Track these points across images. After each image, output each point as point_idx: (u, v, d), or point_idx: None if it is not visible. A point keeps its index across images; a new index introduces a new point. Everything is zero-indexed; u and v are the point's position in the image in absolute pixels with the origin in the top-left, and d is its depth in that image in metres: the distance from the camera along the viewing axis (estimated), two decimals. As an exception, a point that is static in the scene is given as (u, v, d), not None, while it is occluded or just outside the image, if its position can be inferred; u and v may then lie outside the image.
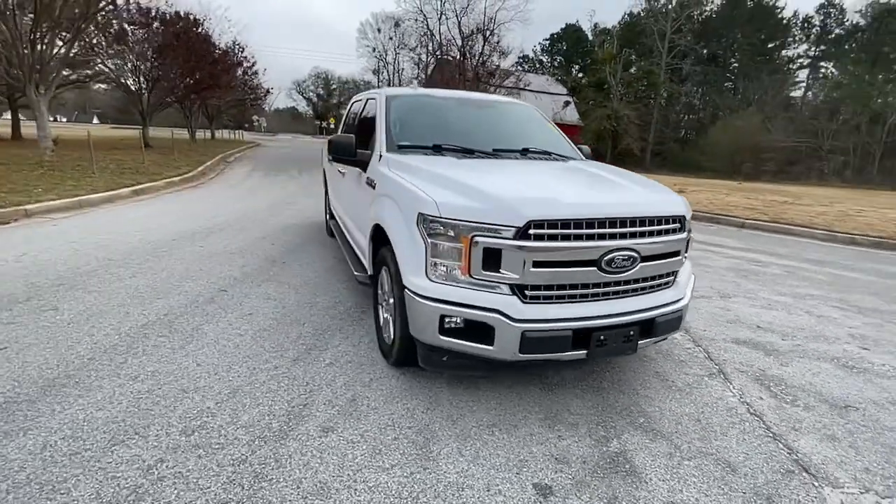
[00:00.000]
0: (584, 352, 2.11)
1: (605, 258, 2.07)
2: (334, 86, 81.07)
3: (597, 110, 31.91)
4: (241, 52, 28.99)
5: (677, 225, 2.31)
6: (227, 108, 34.52)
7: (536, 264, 2.00)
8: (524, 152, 3.24)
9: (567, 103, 35.46)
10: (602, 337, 2.10)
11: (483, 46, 24.92)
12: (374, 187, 2.83)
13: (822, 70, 38.66)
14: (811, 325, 3.68)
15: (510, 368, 2.67)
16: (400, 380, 2.53)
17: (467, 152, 3.05)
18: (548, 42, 55.98)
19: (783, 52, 41.99)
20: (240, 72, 28.17)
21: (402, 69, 49.40)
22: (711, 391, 2.60)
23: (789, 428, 2.28)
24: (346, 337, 3.04)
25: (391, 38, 46.90)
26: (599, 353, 2.15)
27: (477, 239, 2.00)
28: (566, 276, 2.06)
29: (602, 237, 2.07)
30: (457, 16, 28.22)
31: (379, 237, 2.80)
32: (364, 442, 2.01)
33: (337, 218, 4.60)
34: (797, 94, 40.49)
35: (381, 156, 2.94)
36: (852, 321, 3.85)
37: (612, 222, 2.08)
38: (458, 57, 28.46)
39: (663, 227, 2.24)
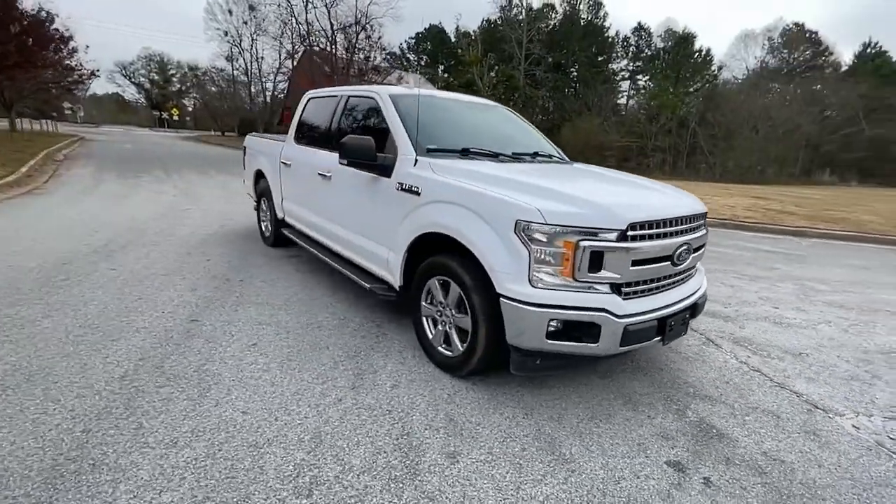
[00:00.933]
0: (660, 338, 2.36)
1: (676, 252, 2.34)
2: (173, 70, 70.45)
3: (468, 110, 33.73)
4: (51, 22, 23.28)
5: (705, 220, 2.71)
6: (32, 93, 27.41)
7: (634, 263, 2.17)
8: (534, 155, 3.39)
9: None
10: (672, 322, 2.38)
11: (361, 40, 24.31)
12: (417, 194, 2.67)
13: (640, 82, 47.15)
14: (734, 294, 4.60)
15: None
16: (476, 390, 2.48)
17: (493, 156, 3.08)
18: (413, 41, 57.00)
19: (610, 65, 49.81)
20: (54, 47, 22.62)
21: (262, 57, 45.36)
22: (715, 356, 3.11)
23: (782, 377, 2.88)
24: (386, 355, 2.83)
25: (246, 23, 42.45)
26: (670, 338, 2.42)
27: (582, 243, 2.08)
28: (651, 272, 2.27)
29: (675, 234, 2.34)
30: (326, 5, 26.98)
31: (424, 247, 2.68)
32: (499, 459, 1.95)
33: (307, 227, 4.15)
34: (622, 101, 48.59)
35: (416, 160, 2.78)
36: (753, 286, 4.92)
37: (679, 221, 2.37)
38: (330, 49, 27.31)
39: (701, 222, 2.61)
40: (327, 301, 3.67)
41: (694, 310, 2.59)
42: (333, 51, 27.20)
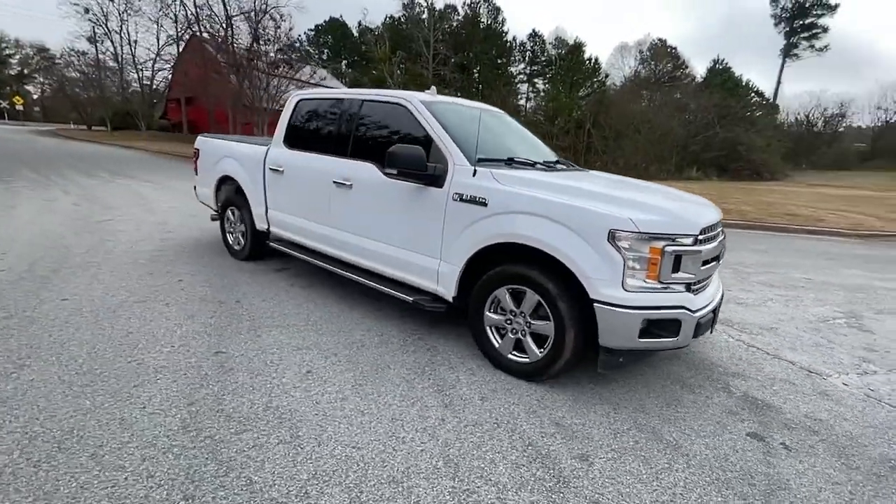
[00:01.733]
0: (710, 329, 2.68)
1: (718, 253, 2.68)
2: (10, 50, 58.47)
3: (380, 107, 33.26)
4: None
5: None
6: None
7: (703, 263, 2.45)
8: (556, 164, 3.57)
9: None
10: (713, 316, 2.72)
11: (269, 29, 22.59)
12: (483, 205, 2.66)
13: (538, 85, 50.64)
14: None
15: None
16: (557, 393, 2.58)
17: (531, 165, 3.19)
18: (313, 32, 54.40)
19: (510, 68, 52.70)
20: None
21: (136, 42, 39.74)
22: (714, 337, 3.59)
23: (773, 349, 3.43)
24: (451, 368, 2.79)
25: (113, 0, 36.67)
26: (713, 330, 2.76)
27: (667, 248, 2.29)
28: (707, 272, 2.58)
29: (719, 237, 2.68)
30: (217, -13, 24.58)
31: (483, 257, 2.70)
32: (625, 455, 2.08)
33: (311, 240, 3.84)
34: (522, 103, 51.80)
35: (475, 171, 2.78)
36: (701, 273, 5.68)
37: (719, 224, 2.72)
38: (227, 37, 24.97)
39: (722, 227, 3.01)
40: (351, 317, 3.47)
41: (720, 304, 2.98)
42: (231, 40, 24.93)
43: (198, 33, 29.48)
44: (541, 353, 2.59)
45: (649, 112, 32.40)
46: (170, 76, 36.35)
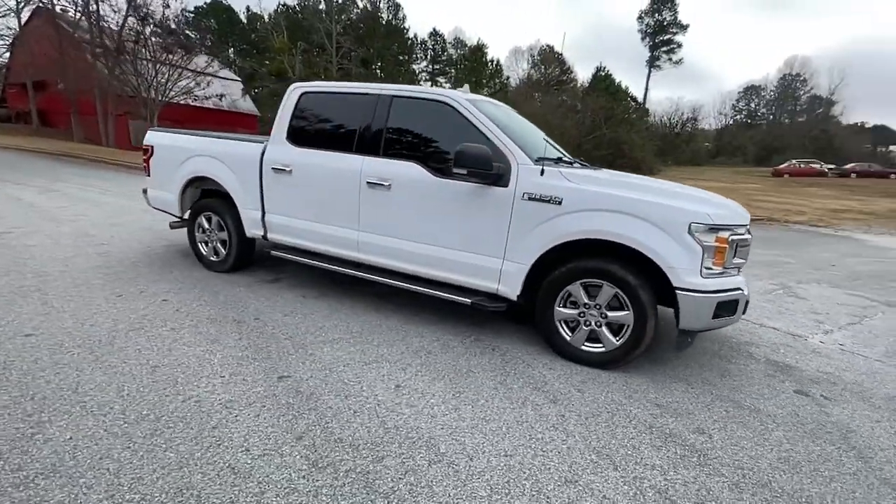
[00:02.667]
0: (742, 311, 3.08)
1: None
2: None
3: (283, 101, 31.15)
4: None
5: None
6: None
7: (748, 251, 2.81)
8: (574, 160, 3.76)
9: (245, 92, 32.90)
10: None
11: (156, 8, 19.77)
12: (558, 203, 2.72)
13: (441, 84, 51.61)
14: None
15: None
16: (630, 377, 2.76)
17: (570, 163, 3.33)
18: (192, 15, 48.77)
19: (412, 65, 52.88)
20: None
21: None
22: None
23: (754, 318, 4.03)
24: (529, 365, 2.82)
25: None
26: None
27: (731, 238, 2.60)
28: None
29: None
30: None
31: (557, 256, 2.79)
32: (730, 424, 2.32)
33: (332, 246, 3.53)
34: (426, 100, 52.52)
35: (542, 170, 2.82)
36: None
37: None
38: (90, 12, 21.39)
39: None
40: (393, 325, 3.29)
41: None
42: (98, 15, 21.44)
43: (48, 4, 24.69)
44: (617, 341, 2.75)
45: (547, 113, 35.07)
46: (8, 55, 29.86)
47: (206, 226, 4.24)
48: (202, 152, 4.08)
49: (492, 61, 43.15)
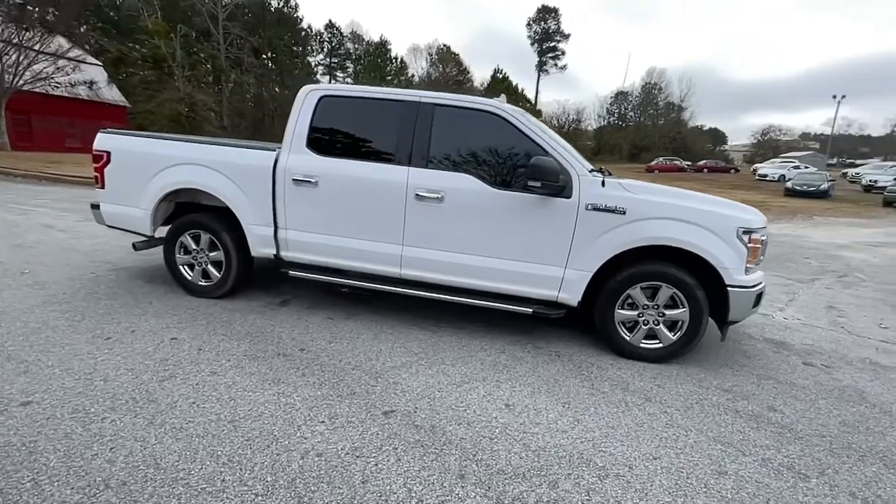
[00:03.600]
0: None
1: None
2: None
3: (164, 92, 27.33)
4: None
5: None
6: None
7: (764, 247, 3.28)
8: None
9: (112, 80, 28.33)
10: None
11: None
12: (622, 213, 2.89)
13: (339, 79, 49.71)
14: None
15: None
16: (685, 368, 3.06)
17: (600, 172, 3.54)
18: (28, -17, 40.54)
19: (308, 58, 50.17)
20: None
21: None
22: (691, 301, 4.67)
23: (726, 303, 4.68)
24: (602, 367, 2.96)
25: None
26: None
27: (762, 238, 3.02)
28: (754, 251, 3.44)
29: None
30: None
31: (623, 262, 2.98)
32: (785, 398, 2.70)
33: (367, 262, 3.28)
34: (326, 95, 50.21)
35: (603, 181, 2.96)
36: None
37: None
38: None
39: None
40: (448, 341, 3.20)
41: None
42: None
43: None
44: (674, 337, 3.02)
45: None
46: None
47: (194, 246, 3.64)
48: (189, 161, 3.49)
49: (395, 58, 42.82)
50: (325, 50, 50.24)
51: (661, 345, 3.06)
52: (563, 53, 57.71)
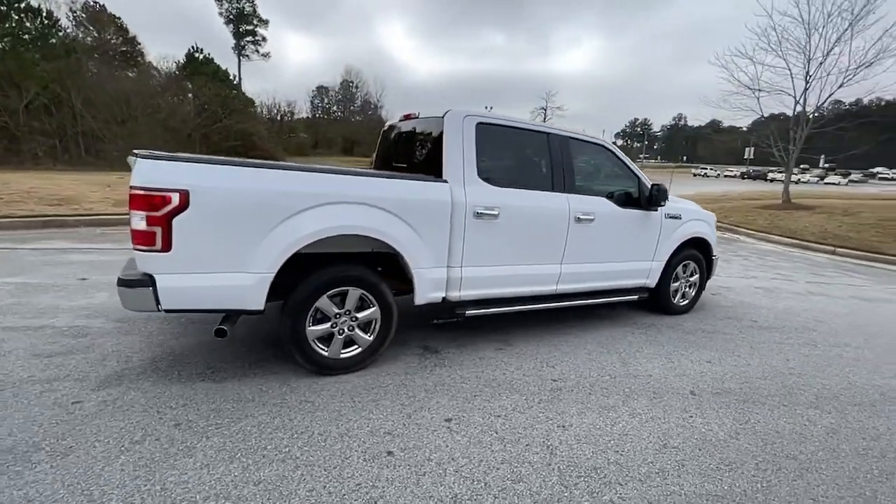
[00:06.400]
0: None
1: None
2: None
3: None
4: None
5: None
6: None
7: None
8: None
9: None
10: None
11: None
12: (679, 218, 4.22)
13: None
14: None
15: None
16: (683, 319, 4.77)
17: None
18: None
19: None
20: None
21: None
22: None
23: (619, 268, 6.86)
24: (682, 322, 4.27)
25: None
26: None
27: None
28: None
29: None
30: None
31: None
32: (769, 348, 4.76)
33: (522, 286, 3.43)
34: None
35: (668, 196, 4.19)
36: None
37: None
38: None
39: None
40: (597, 335, 3.82)
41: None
42: None
43: None
44: (692, 293, 4.67)
45: (157, 96, 28.80)
46: None
47: (336, 310, 2.76)
48: (340, 199, 2.62)
49: (40, 11, 29.43)
50: None
51: (686, 302, 4.66)
52: (265, 40, 54.43)
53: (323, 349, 2.78)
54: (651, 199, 3.94)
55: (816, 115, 14.04)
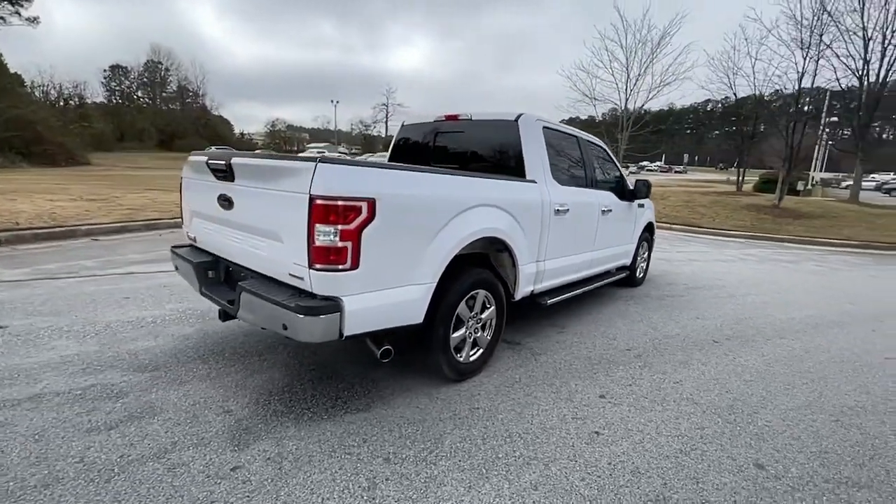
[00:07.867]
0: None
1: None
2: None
3: None
4: None
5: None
6: None
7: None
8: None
9: None
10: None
11: None
12: (643, 206, 5.17)
13: None
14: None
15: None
16: (646, 286, 5.88)
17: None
18: None
19: None
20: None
21: None
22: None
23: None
24: (633, 292, 5.25)
25: None
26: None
27: (642, 211, 6.20)
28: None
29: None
30: None
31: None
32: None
33: (572, 273, 3.87)
34: None
35: (635, 189, 5.07)
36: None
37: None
38: None
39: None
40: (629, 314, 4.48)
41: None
42: None
43: None
44: (645, 266, 5.76)
45: None
46: None
47: (469, 313, 2.75)
48: (482, 202, 2.61)
49: None
50: None
51: (642, 275, 5.72)
52: (30, 1, 41.91)
53: (459, 355, 2.74)
54: (636, 192, 4.76)
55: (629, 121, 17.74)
